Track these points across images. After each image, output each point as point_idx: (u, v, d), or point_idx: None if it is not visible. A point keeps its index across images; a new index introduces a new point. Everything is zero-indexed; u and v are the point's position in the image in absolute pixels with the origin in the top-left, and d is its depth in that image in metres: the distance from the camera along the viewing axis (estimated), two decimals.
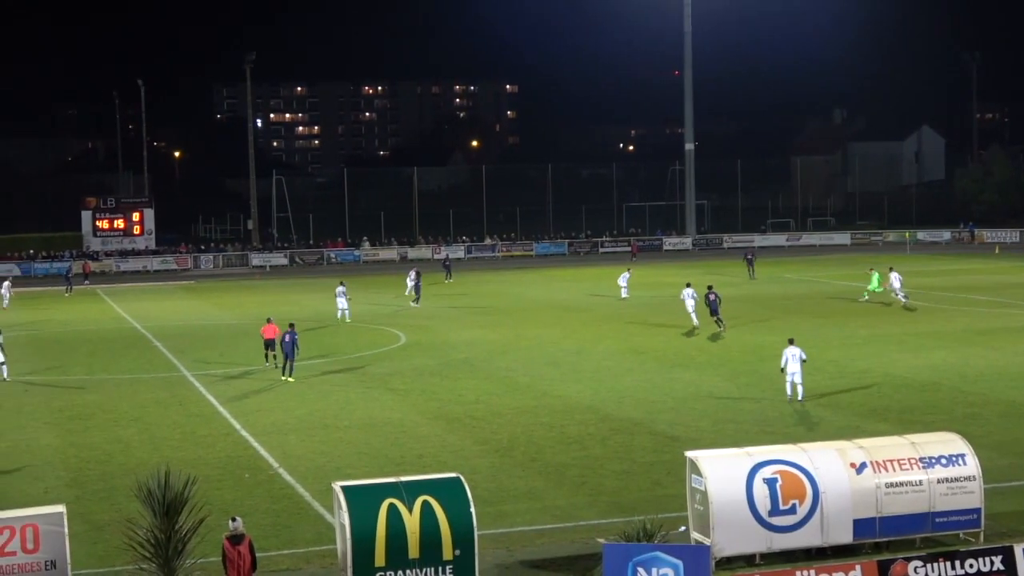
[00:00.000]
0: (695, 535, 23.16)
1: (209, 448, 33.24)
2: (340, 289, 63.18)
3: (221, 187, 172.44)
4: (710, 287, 55.84)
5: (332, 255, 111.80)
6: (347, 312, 62.12)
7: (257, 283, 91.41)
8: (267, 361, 46.97)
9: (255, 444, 33.51)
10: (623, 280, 69.87)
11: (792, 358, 37.46)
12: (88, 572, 22.60)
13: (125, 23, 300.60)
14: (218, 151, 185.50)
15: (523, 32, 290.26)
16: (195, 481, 20.54)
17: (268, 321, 48.62)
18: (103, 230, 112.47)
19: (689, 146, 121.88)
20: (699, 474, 22.96)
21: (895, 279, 63.37)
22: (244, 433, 34.96)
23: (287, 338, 43.63)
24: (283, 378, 43.57)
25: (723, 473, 22.83)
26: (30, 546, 19.74)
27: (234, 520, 20.59)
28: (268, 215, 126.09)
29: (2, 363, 45.47)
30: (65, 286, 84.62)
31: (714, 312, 54.61)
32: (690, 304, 55.90)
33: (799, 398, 37.49)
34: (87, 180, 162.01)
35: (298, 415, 37.42)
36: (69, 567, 19.87)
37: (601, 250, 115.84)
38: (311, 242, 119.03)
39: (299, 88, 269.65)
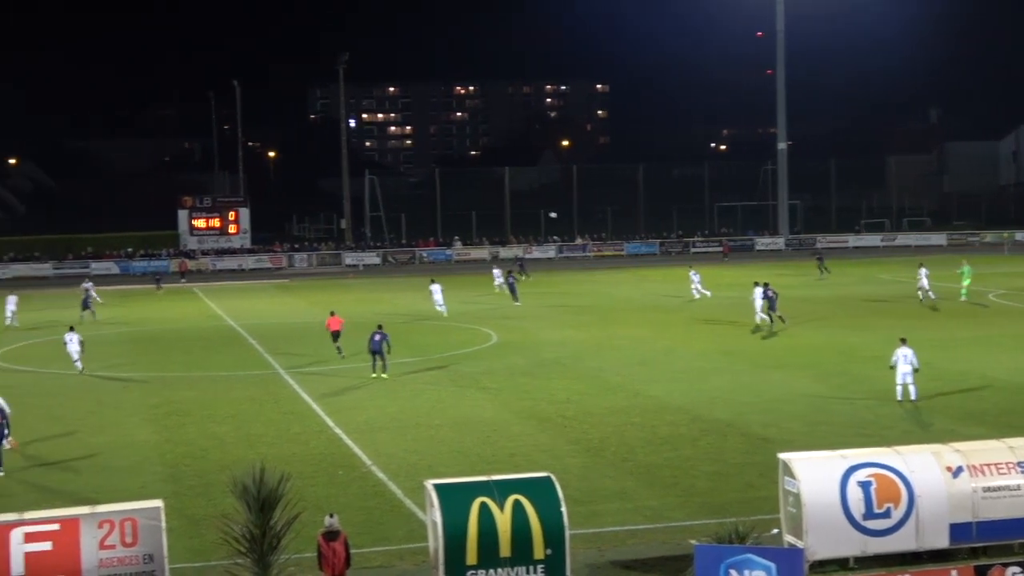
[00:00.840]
0: (788, 538, 22.99)
1: (303, 445, 33.57)
2: (435, 287, 63.64)
3: (315, 187, 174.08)
4: (766, 284, 56.65)
5: (424, 254, 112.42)
6: (444, 308, 62.80)
7: (350, 282, 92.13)
8: (339, 353, 48.68)
9: (348, 441, 33.79)
10: (696, 281, 69.81)
11: (903, 359, 37.04)
12: (185, 566, 22.91)
13: (221, 24, 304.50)
14: (312, 151, 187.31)
15: (614, 31, 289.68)
16: (289, 478, 20.73)
17: (332, 314, 50.83)
18: (199, 229, 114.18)
19: (782, 145, 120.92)
20: (792, 476, 22.78)
21: (924, 275, 64.13)
22: (337, 430, 35.27)
23: (376, 337, 44.23)
24: (373, 375, 44.01)
25: (816, 475, 22.62)
26: (129, 540, 20.06)
27: (331, 516, 20.79)
28: (361, 214, 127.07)
29: (76, 360, 46.92)
30: (155, 283, 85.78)
31: (772, 308, 55.26)
32: (758, 303, 56.32)
33: (911, 398, 36.98)
34: (184, 179, 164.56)
35: (390, 413, 37.68)
36: (166, 561, 20.14)
37: (692, 250, 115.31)
38: (403, 241, 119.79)
39: (392, 88, 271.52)
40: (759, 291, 56.46)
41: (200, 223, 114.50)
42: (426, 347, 52.22)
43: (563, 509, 21.17)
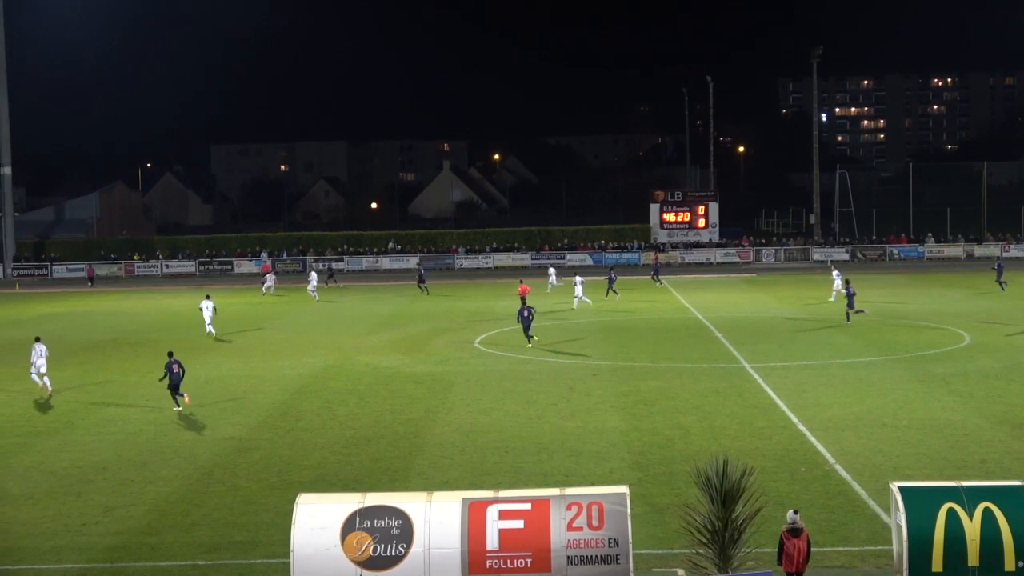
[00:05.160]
0: None
1: (766, 440, 33.59)
2: (578, 278, 70.70)
3: (784, 181, 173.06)
4: (847, 281, 60.86)
5: (895, 251, 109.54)
6: (587, 300, 69.07)
7: (818, 277, 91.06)
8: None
9: (812, 438, 33.52)
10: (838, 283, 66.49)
11: None
12: (647, 552, 23.46)
13: (697, 23, 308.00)
14: (782, 145, 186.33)
15: None
16: (752, 471, 20.88)
17: (521, 282, 68.89)
18: (669, 222, 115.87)
19: None
20: None
21: None
22: (801, 427, 35.05)
23: (525, 313, 52.90)
24: (529, 346, 51.99)
25: None
26: (595, 523, 20.65)
27: (794, 513, 20.77)
28: (830, 209, 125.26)
29: (207, 323, 58.15)
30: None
31: (850, 304, 58.02)
32: None
33: None
34: (656, 174, 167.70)
35: (856, 411, 37.06)
36: (630, 546, 20.61)
37: None
38: (873, 237, 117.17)
39: (865, 81, 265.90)
40: None
41: (670, 216, 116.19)
42: (896, 346, 50.98)
43: None
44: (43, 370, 42.93)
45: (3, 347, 57.21)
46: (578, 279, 70.72)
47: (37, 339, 44.08)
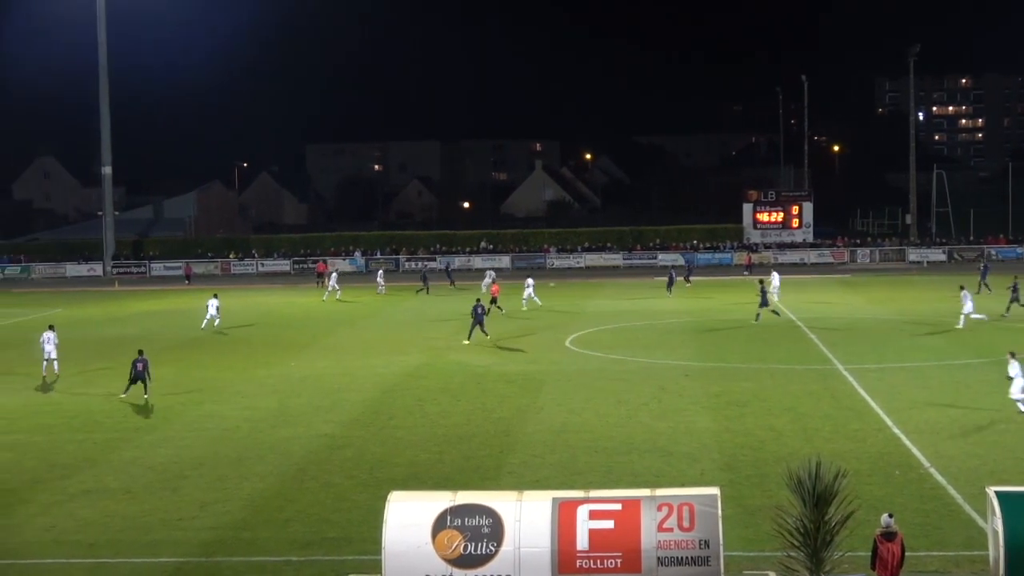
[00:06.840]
0: None
1: (860, 442, 33.25)
2: (529, 281, 73.64)
3: (880, 181, 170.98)
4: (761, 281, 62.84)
5: (992, 252, 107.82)
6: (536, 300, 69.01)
7: (914, 278, 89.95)
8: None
9: (906, 441, 33.12)
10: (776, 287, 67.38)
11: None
12: (738, 554, 23.32)
13: (792, 21, 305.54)
14: (878, 145, 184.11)
15: None
16: (845, 474, 20.67)
17: (494, 283, 74.03)
18: (762, 222, 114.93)
19: None
20: None
21: (966, 298, 57.44)
22: (896, 430, 34.64)
23: (479, 310, 54.99)
24: (466, 341, 54.25)
25: None
26: (686, 524, 20.58)
27: (889, 516, 20.55)
28: (927, 210, 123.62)
29: (207, 318, 62.17)
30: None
31: (764, 303, 61.02)
32: (968, 306, 56.62)
33: None
34: (749, 174, 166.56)
35: (951, 415, 36.54)
36: (721, 547, 20.52)
37: None
38: (970, 238, 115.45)
39: (963, 80, 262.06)
40: (966, 293, 57.31)
41: (763, 216, 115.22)
42: (992, 348, 50.03)
43: None
44: (52, 356, 46.57)
45: (103, 344, 58.23)
46: (529, 281, 73.78)
47: (50, 327, 47.68)
